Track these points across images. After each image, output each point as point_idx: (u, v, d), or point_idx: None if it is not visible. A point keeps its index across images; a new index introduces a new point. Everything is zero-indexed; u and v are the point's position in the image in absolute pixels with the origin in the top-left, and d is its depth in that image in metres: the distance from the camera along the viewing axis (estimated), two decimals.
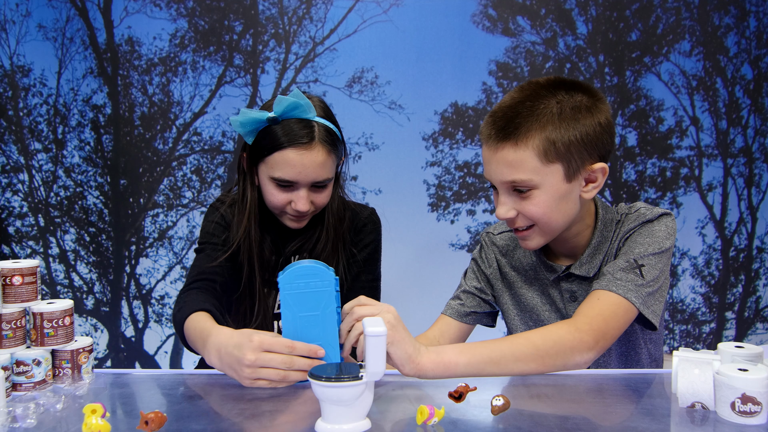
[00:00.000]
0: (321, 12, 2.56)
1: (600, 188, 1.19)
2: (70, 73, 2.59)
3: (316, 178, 1.31)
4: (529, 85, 1.18)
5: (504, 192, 1.19)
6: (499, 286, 1.41)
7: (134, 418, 0.93)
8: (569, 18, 2.59)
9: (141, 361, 2.67)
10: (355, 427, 0.86)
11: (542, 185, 1.14)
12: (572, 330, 1.07)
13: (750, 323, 2.73)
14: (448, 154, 2.62)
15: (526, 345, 1.04)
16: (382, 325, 0.88)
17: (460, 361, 1.00)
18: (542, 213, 1.16)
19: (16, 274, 1.07)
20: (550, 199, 1.15)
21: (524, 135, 1.12)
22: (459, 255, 2.63)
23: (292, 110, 1.29)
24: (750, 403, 0.86)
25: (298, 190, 1.32)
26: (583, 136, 1.13)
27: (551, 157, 1.12)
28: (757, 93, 2.66)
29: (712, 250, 2.69)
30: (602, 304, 1.13)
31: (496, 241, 1.43)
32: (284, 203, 1.33)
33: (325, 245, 1.41)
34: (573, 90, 1.16)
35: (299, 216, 1.35)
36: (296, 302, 1.00)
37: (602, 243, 1.27)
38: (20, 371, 1.05)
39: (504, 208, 1.19)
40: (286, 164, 1.29)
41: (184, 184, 2.63)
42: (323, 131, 1.31)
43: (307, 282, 0.99)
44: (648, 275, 1.16)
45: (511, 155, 1.13)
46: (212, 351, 1.05)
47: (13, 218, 2.63)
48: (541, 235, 1.21)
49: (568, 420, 0.91)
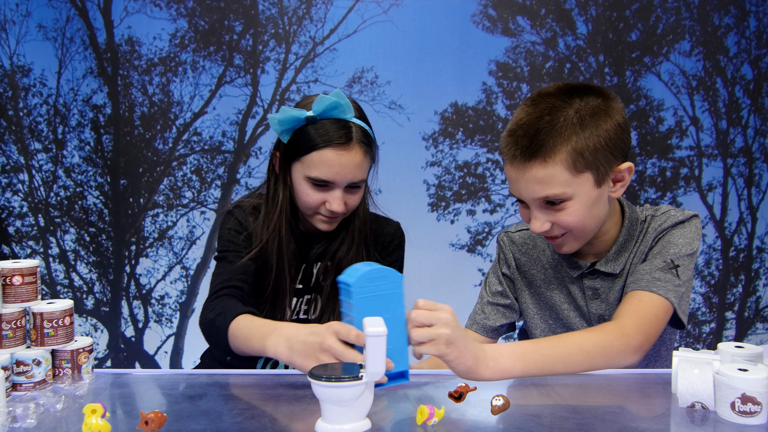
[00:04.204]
0: (321, 12, 2.56)
1: (627, 186, 1.21)
2: (70, 73, 2.59)
3: (352, 179, 1.30)
4: (541, 98, 1.17)
5: (537, 207, 1.18)
6: (520, 284, 1.41)
7: (134, 418, 0.92)
8: (569, 18, 2.59)
9: (141, 361, 2.67)
10: (355, 427, 0.86)
11: (575, 195, 1.15)
12: (620, 335, 1.09)
13: (750, 323, 2.73)
14: (448, 154, 2.62)
15: (577, 351, 1.07)
16: (382, 325, 0.88)
17: (515, 368, 1.03)
18: (577, 221, 1.17)
19: (16, 274, 1.07)
20: (584, 207, 1.16)
21: (551, 151, 1.11)
22: (459, 255, 2.64)
23: (332, 110, 1.27)
24: (750, 403, 0.86)
25: (333, 190, 1.30)
26: (606, 141, 1.14)
27: (580, 167, 1.13)
28: (757, 93, 2.66)
29: (712, 250, 2.69)
30: (645, 305, 1.15)
31: (514, 239, 1.43)
32: (319, 203, 1.31)
33: (349, 250, 1.40)
34: (585, 94, 1.16)
35: (332, 217, 1.33)
36: (368, 306, 0.95)
37: (628, 241, 1.28)
38: (20, 371, 1.05)
39: (538, 223, 1.18)
40: (323, 164, 1.27)
41: (184, 184, 2.63)
42: (360, 132, 1.30)
43: (377, 285, 0.96)
44: (683, 276, 1.19)
45: (540, 173, 1.13)
46: (280, 342, 1.02)
47: (13, 218, 2.63)
48: (575, 240, 1.22)
49: (568, 420, 0.91)
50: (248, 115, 2.61)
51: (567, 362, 1.06)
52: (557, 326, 1.36)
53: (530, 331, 1.40)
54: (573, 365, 1.07)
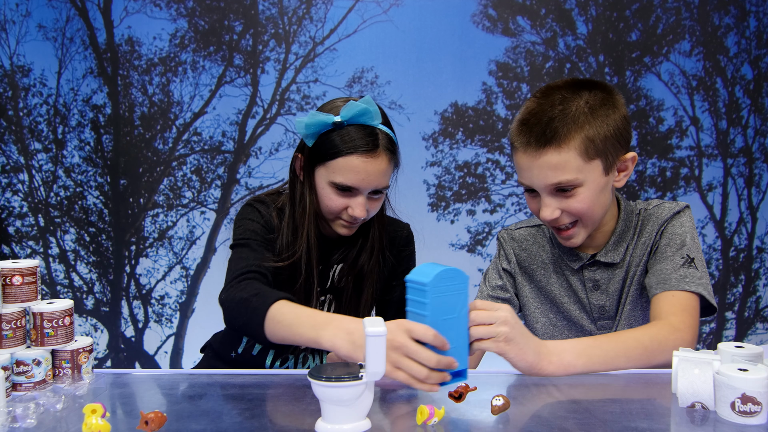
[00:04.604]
0: (321, 12, 2.56)
1: (629, 176, 1.27)
2: (70, 73, 2.59)
3: (377, 186, 1.30)
4: (550, 90, 1.22)
5: (547, 194, 1.21)
6: (520, 279, 1.43)
7: (134, 418, 0.92)
8: (569, 18, 2.59)
9: (141, 361, 2.67)
10: (355, 427, 0.86)
11: (585, 182, 1.19)
12: (672, 330, 1.14)
13: (750, 323, 2.73)
14: (448, 154, 2.62)
15: (636, 346, 1.11)
16: (382, 325, 0.88)
17: (578, 363, 1.07)
18: (587, 208, 1.21)
19: (16, 274, 1.07)
20: (593, 194, 1.20)
21: (565, 137, 1.16)
22: (459, 255, 2.63)
23: (360, 116, 1.27)
24: (750, 403, 0.86)
25: (356, 196, 1.30)
26: (615, 130, 1.19)
27: (591, 154, 1.17)
28: (757, 93, 2.66)
29: (712, 250, 2.69)
30: (683, 302, 1.20)
31: (515, 236, 1.45)
32: (341, 208, 1.31)
33: (370, 257, 1.40)
34: (592, 88, 1.21)
35: (352, 222, 1.33)
36: (440, 306, 0.96)
37: (626, 232, 1.32)
38: (20, 371, 1.05)
39: (549, 210, 1.21)
40: (350, 170, 1.27)
41: (184, 184, 2.63)
42: (386, 139, 1.30)
43: (448, 285, 0.96)
44: (699, 266, 1.25)
45: (554, 159, 1.16)
46: (340, 335, 1.00)
47: (13, 218, 2.63)
48: (584, 229, 1.26)
49: (568, 420, 0.91)
50: (248, 115, 2.61)
51: (627, 357, 1.10)
52: (558, 319, 1.38)
53: (530, 326, 1.42)
54: (633, 360, 1.10)
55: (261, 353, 1.42)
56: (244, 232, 1.34)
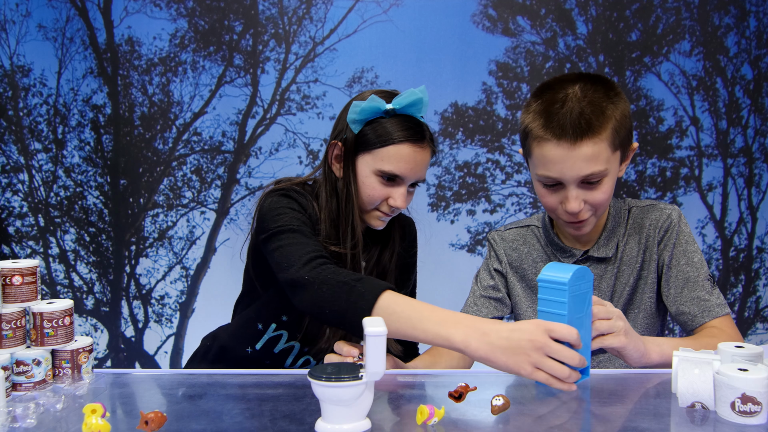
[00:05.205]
0: (321, 12, 2.56)
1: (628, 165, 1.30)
2: (70, 73, 2.59)
3: (420, 177, 1.30)
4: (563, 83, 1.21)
5: (576, 186, 1.21)
6: (512, 278, 1.43)
7: (134, 418, 0.93)
8: (569, 18, 2.59)
9: (141, 361, 2.67)
10: (355, 427, 0.86)
11: (610, 172, 1.21)
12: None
13: (750, 323, 2.73)
14: (448, 154, 2.62)
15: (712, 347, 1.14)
16: (382, 324, 0.88)
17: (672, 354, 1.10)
18: (606, 198, 1.23)
19: (16, 274, 1.07)
20: (612, 184, 1.23)
21: (599, 128, 1.17)
22: (459, 255, 2.63)
23: (412, 106, 1.27)
24: (750, 403, 0.86)
25: (399, 186, 1.28)
26: (629, 119, 1.23)
27: (616, 144, 1.20)
28: (757, 93, 2.66)
29: (712, 250, 2.69)
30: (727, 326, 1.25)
31: (505, 237, 1.45)
32: (382, 198, 1.28)
33: (392, 257, 1.39)
34: (599, 80, 1.23)
35: (389, 214, 1.31)
36: (575, 304, 0.97)
37: (616, 227, 1.34)
38: (20, 371, 1.05)
39: (577, 202, 1.22)
40: (400, 159, 1.25)
41: (184, 184, 2.63)
42: (430, 132, 1.31)
43: (580, 284, 0.98)
44: (714, 282, 1.30)
45: (590, 150, 1.17)
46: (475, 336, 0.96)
47: (13, 218, 2.63)
48: (595, 217, 1.27)
49: (568, 420, 0.91)
50: (248, 115, 2.61)
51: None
52: None
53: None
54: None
55: (283, 352, 1.38)
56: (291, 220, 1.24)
